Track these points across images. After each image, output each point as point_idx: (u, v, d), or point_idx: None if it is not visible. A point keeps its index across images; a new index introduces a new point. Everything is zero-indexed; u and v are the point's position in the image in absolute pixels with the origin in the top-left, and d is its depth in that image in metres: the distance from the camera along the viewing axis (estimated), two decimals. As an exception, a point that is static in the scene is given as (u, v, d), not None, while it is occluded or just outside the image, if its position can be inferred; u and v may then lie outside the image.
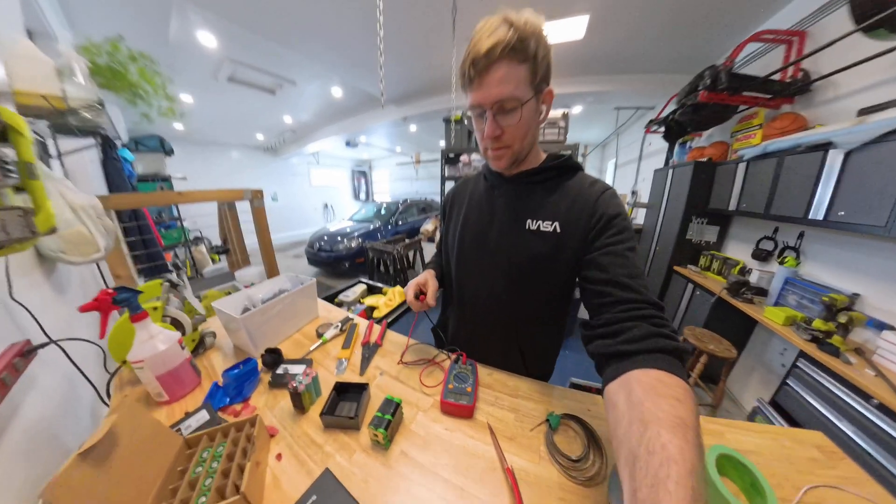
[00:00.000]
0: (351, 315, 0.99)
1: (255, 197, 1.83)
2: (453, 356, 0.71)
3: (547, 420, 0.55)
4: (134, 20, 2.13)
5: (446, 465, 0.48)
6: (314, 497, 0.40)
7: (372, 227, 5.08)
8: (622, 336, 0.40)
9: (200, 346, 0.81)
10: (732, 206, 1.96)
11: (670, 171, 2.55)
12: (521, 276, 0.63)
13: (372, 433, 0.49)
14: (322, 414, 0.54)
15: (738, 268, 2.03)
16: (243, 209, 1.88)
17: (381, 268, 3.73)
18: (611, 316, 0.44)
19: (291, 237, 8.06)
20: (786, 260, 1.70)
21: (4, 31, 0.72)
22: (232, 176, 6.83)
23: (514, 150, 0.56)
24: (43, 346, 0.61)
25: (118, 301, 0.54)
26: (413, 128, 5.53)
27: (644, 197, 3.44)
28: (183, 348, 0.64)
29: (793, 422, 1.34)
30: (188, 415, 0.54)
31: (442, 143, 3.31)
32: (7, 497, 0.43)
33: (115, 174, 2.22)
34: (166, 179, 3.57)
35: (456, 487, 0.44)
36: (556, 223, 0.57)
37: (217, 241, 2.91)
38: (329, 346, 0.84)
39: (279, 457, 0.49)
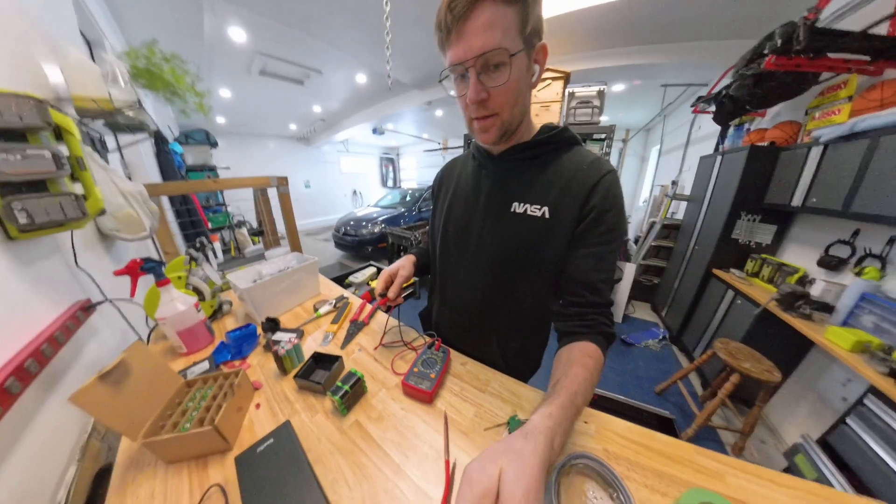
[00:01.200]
0: (346, 294, 1.09)
1: (281, 183, 2.01)
2: (429, 341, 0.71)
3: (507, 423, 0.51)
4: (173, 23, 2.38)
5: (392, 440, 0.50)
6: (271, 440, 0.48)
7: (396, 212, 5.24)
8: (581, 323, 0.52)
9: (218, 312, 0.96)
10: (797, 202, 1.61)
11: (718, 159, 2.19)
12: (505, 267, 0.59)
13: (330, 398, 0.55)
14: (295, 377, 0.62)
15: (796, 276, 1.69)
16: (275, 195, 2.07)
17: (401, 253, 3.87)
18: (578, 310, 0.52)
19: (322, 222, 8.59)
20: (865, 271, 1.36)
21: (61, 42, 0.88)
22: (269, 164, 7.39)
23: (503, 120, 0.48)
24: (100, 303, 0.78)
25: (145, 269, 0.68)
26: (439, 113, 5.50)
27: (686, 188, 3.06)
28: (199, 311, 0.77)
29: (845, 468, 1.13)
30: (195, 364, 0.68)
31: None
32: (71, 418, 0.59)
33: (167, 165, 2.56)
34: (212, 169, 3.99)
35: (394, 464, 0.46)
36: (546, 208, 0.52)
37: (256, 225, 3.24)
38: (322, 320, 0.95)
39: (258, 406, 0.59)
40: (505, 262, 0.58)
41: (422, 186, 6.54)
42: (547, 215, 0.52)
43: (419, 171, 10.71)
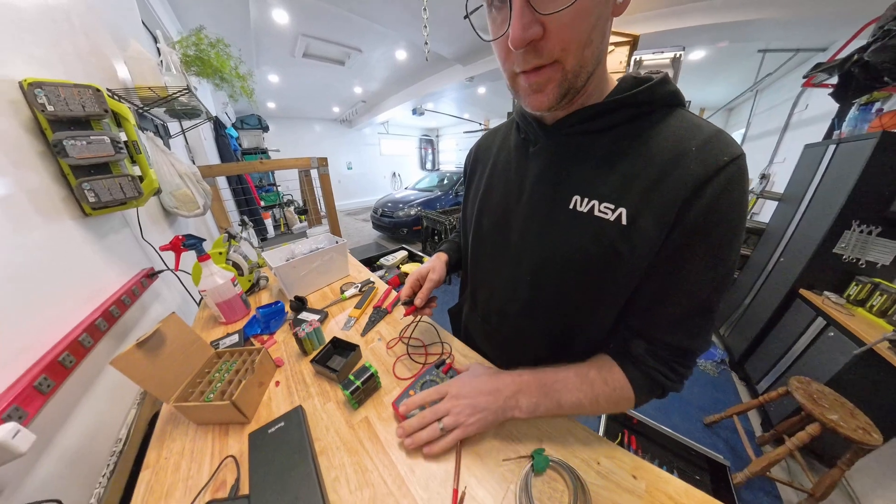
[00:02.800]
0: (372, 279, 1.11)
1: (321, 164, 2.12)
2: (439, 357, 0.64)
3: (531, 457, 0.43)
4: (223, 10, 2.54)
5: (399, 447, 0.46)
6: (282, 424, 0.49)
7: (432, 195, 5.26)
8: (638, 356, 0.43)
9: (255, 286, 1.06)
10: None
11: (831, 148, 1.73)
12: (553, 282, 0.45)
13: (340, 390, 0.54)
14: (312, 360, 0.63)
15: (924, 315, 1.27)
16: (317, 176, 2.20)
17: (435, 237, 3.90)
18: (648, 347, 0.43)
19: (363, 203, 8.99)
20: None
21: (125, 35, 0.99)
22: (315, 147, 7.83)
23: (566, 70, 0.32)
24: (161, 271, 0.90)
25: (187, 245, 0.76)
26: (481, 90, 5.27)
27: (779, 184, 2.48)
28: (235, 285, 0.85)
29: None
30: (227, 335, 0.76)
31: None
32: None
33: (223, 148, 2.83)
34: (264, 152, 4.34)
35: (398, 476, 0.43)
36: (623, 210, 0.36)
37: (301, 204, 3.51)
38: (347, 303, 0.98)
39: (277, 383, 0.61)
40: (553, 276, 0.44)
41: (459, 169, 6.45)
42: (624, 220, 0.36)
43: (458, 154, 10.54)
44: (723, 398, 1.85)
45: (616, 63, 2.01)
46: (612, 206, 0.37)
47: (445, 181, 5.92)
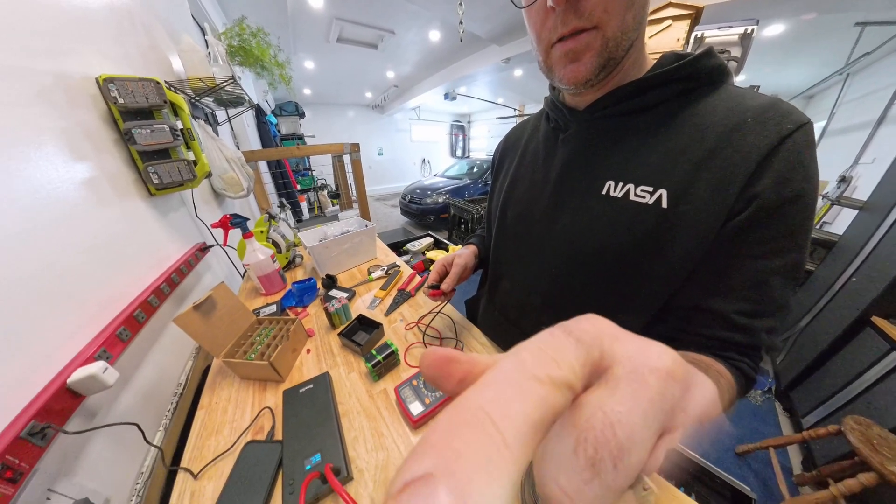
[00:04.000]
0: (398, 263, 1.16)
1: (353, 150, 2.20)
2: None
3: None
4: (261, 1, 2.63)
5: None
6: (311, 386, 0.56)
7: (461, 184, 5.23)
8: (709, 353, 0.34)
9: (292, 263, 1.16)
10: None
11: None
12: (579, 275, 0.42)
13: (363, 363, 0.59)
14: (340, 334, 0.69)
15: None
16: (349, 161, 2.29)
17: (462, 225, 3.90)
18: (712, 345, 0.35)
19: (392, 188, 9.16)
20: None
21: (177, 30, 1.09)
22: (347, 132, 8.05)
23: (606, 36, 0.30)
24: (212, 246, 1.02)
25: (233, 223, 0.85)
26: (518, 72, 5.06)
27: (862, 190, 2.08)
28: (274, 262, 0.94)
29: None
30: (267, 305, 0.85)
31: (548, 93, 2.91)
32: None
33: (264, 135, 3.02)
34: (300, 137, 4.54)
35: (411, 445, 0.46)
36: (663, 191, 0.33)
37: (334, 188, 3.68)
38: (373, 284, 1.04)
39: (308, 351, 0.69)
40: (581, 269, 0.41)
41: (490, 157, 6.30)
42: (664, 203, 0.33)
43: (489, 141, 10.27)
44: (761, 428, 1.67)
45: (673, 41, 1.65)
46: (651, 189, 0.34)
47: (475, 169, 5.84)
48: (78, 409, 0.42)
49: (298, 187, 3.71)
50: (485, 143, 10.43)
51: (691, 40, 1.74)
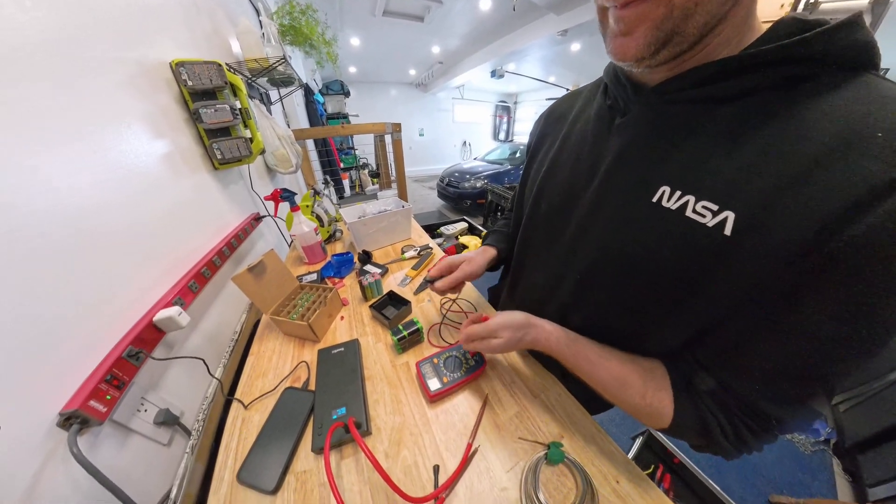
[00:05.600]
0: (431, 245, 1.19)
1: (395, 130, 2.25)
2: None
3: (547, 447, 0.43)
4: None
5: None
6: (342, 349, 0.62)
7: (501, 169, 5.08)
8: (700, 391, 0.34)
9: (332, 237, 1.25)
10: None
11: None
12: (607, 289, 0.39)
13: (390, 335, 0.65)
14: (371, 306, 0.75)
15: None
16: (390, 141, 2.35)
17: (499, 213, 3.81)
18: (717, 388, 0.32)
19: (431, 170, 9.20)
20: None
21: (235, 13, 1.17)
22: (390, 112, 8.16)
23: (675, 4, 0.24)
24: (264, 217, 1.14)
25: (283, 197, 0.93)
26: (575, 47, 4.65)
27: None
28: (317, 234, 1.03)
29: None
30: (308, 273, 0.94)
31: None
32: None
33: (312, 114, 3.18)
34: (345, 116, 4.70)
35: (425, 416, 0.50)
36: (730, 214, 0.26)
37: (375, 168, 3.82)
38: (405, 263, 1.09)
39: (342, 318, 0.76)
40: (607, 282, 0.38)
41: (534, 138, 5.97)
42: (728, 229, 0.26)
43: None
44: (807, 482, 1.43)
45: (775, 6, 1.34)
46: (715, 207, 0.27)
47: (517, 154, 5.60)
48: (161, 341, 0.53)
49: (342, 165, 3.89)
50: (530, 127, 9.87)
51: (800, 4, 1.43)
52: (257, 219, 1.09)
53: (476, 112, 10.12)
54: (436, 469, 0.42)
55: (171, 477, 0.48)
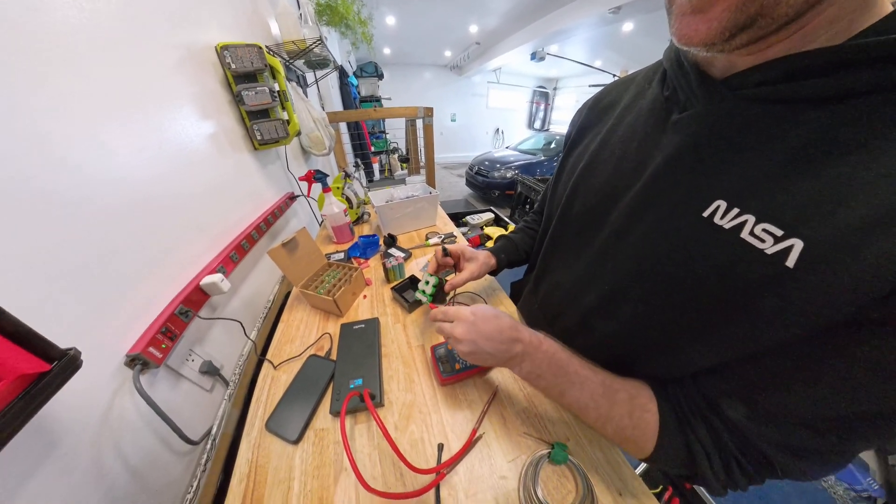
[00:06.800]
0: (455, 233, 1.20)
1: (427, 114, 2.24)
2: None
3: (551, 447, 0.43)
4: None
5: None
6: (363, 325, 0.66)
7: (534, 159, 4.90)
8: (695, 419, 0.31)
9: (360, 219, 1.30)
10: None
11: None
12: (636, 306, 0.35)
13: (425, 279, 0.62)
14: (392, 288, 0.78)
15: None
16: (421, 126, 2.35)
17: (527, 206, 3.69)
18: (718, 422, 0.30)
19: (461, 157, 9.09)
20: None
21: None
22: (423, 96, 8.09)
23: None
24: (297, 196, 1.21)
25: (316, 178, 0.98)
26: (628, 27, 4.26)
27: None
28: (346, 215, 1.08)
29: None
30: (336, 252, 1.00)
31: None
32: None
33: (346, 96, 3.24)
34: (378, 100, 4.74)
35: (435, 398, 0.52)
36: (797, 242, 0.22)
37: (405, 152, 3.86)
38: (429, 248, 1.11)
39: (365, 297, 0.80)
40: (638, 299, 0.35)
41: (573, 127, 5.64)
42: (791, 260, 0.22)
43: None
44: None
45: None
46: (779, 233, 0.23)
47: (553, 145, 5.34)
48: (206, 303, 0.60)
49: (373, 149, 3.97)
50: (569, 116, 9.30)
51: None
52: (292, 198, 1.16)
53: (512, 98, 9.75)
54: (440, 447, 0.45)
55: (212, 417, 0.56)
